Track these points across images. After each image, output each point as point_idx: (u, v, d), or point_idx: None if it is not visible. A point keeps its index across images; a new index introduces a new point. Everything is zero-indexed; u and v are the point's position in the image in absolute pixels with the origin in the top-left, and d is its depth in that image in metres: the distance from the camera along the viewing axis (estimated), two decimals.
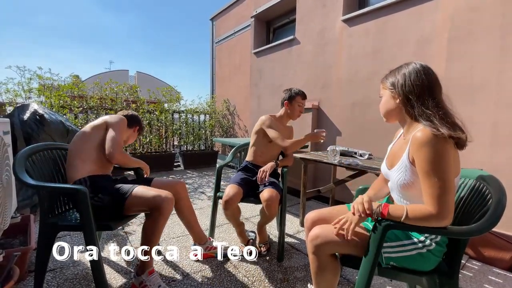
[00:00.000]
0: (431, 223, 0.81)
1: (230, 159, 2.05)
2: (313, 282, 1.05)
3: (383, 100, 1.01)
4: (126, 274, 1.51)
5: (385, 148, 1.16)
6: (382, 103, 1.02)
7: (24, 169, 1.25)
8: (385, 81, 1.00)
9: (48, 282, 1.41)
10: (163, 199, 1.32)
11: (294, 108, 1.90)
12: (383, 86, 1.01)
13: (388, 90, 0.98)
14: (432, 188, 0.80)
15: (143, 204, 1.33)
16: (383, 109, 1.02)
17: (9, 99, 3.19)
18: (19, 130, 2.15)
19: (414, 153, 0.85)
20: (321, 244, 0.98)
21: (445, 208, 0.79)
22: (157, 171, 4.24)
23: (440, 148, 0.80)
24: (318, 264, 1.00)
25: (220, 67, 5.49)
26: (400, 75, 0.95)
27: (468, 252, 1.80)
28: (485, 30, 1.82)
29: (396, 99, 0.95)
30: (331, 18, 2.90)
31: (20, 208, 2.02)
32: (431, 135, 0.80)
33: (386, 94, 1.00)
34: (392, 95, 0.97)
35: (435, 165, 0.79)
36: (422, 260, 0.92)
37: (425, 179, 0.81)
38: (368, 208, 0.90)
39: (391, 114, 1.00)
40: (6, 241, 1.54)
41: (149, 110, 4.35)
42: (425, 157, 0.81)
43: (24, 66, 3.15)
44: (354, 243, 0.95)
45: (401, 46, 2.31)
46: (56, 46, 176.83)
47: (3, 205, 1.22)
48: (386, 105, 1.00)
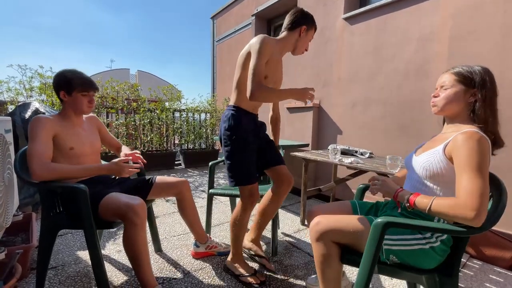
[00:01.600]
0: (459, 213, 0.78)
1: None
2: (317, 272, 1.03)
3: (450, 93, 0.96)
4: (127, 272, 1.51)
5: (386, 146, 1.17)
6: (448, 95, 0.96)
7: (25, 167, 1.26)
8: (461, 74, 0.96)
9: (49, 279, 1.42)
10: (129, 208, 1.16)
11: (306, 39, 1.49)
12: (458, 79, 0.96)
13: (462, 84, 0.95)
14: (473, 185, 0.79)
15: (113, 213, 1.20)
16: (447, 101, 0.97)
17: (10, 97, 3.20)
18: (21, 129, 2.16)
19: (458, 148, 0.85)
20: (324, 230, 0.98)
21: (482, 208, 0.77)
22: (158, 170, 4.25)
23: (486, 153, 0.82)
24: (323, 251, 0.99)
25: (221, 66, 5.48)
26: (479, 74, 0.94)
27: (469, 251, 1.79)
28: (487, 28, 1.81)
29: (469, 96, 0.94)
30: (332, 16, 2.89)
31: (22, 206, 2.03)
32: (484, 138, 0.84)
33: (457, 87, 0.95)
34: (465, 90, 0.94)
35: (481, 165, 0.80)
36: (423, 256, 0.91)
37: (467, 174, 0.81)
38: (396, 197, 0.94)
39: (453, 109, 0.97)
40: (8, 238, 1.55)
41: (150, 108, 4.35)
42: (472, 154, 0.81)
43: (25, 65, 3.15)
44: (356, 233, 0.96)
45: (402, 45, 2.30)
46: (57, 45, 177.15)
47: (5, 203, 1.23)
48: (454, 98, 0.96)
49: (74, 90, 1.29)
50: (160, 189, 1.54)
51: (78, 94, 1.30)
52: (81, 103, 1.32)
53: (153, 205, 1.71)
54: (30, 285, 1.36)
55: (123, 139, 4.06)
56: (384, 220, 0.86)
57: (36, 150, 1.15)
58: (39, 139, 1.18)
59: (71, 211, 1.28)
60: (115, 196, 1.25)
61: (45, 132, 1.21)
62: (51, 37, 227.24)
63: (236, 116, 1.39)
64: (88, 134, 1.43)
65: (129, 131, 4.16)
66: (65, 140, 1.28)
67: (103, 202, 1.22)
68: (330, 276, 1.00)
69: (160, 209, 2.53)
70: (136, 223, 1.16)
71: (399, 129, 2.33)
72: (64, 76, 1.29)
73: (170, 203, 2.72)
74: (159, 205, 2.64)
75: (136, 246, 1.18)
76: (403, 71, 2.30)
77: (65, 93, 1.30)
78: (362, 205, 1.20)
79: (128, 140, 4.13)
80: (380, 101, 2.48)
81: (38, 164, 1.13)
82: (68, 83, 1.28)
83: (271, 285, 1.43)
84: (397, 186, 0.97)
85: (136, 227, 1.16)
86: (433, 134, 1.09)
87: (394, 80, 2.36)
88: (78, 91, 1.30)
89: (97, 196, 1.24)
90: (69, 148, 1.30)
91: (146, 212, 1.22)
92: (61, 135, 1.27)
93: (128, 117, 4.14)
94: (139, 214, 1.17)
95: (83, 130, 1.41)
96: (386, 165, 1.68)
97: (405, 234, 0.93)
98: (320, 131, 3.06)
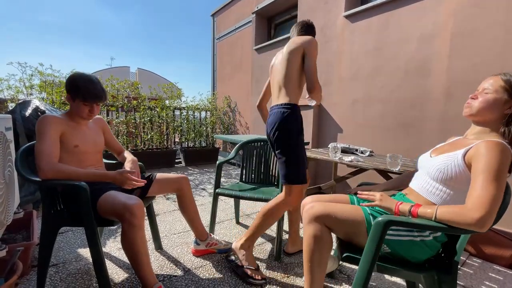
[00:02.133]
0: (464, 220, 0.77)
1: (233, 155, 2.04)
2: (305, 255, 1.02)
3: (490, 98, 0.91)
4: (128, 269, 1.52)
5: (386, 145, 1.16)
6: (488, 100, 0.92)
7: (26, 165, 1.26)
8: (508, 83, 0.91)
9: (50, 277, 1.42)
10: (126, 209, 1.14)
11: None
12: (505, 86, 0.90)
13: (506, 93, 0.90)
14: (487, 191, 0.77)
15: (111, 212, 1.20)
16: (484, 106, 0.92)
17: (10, 95, 3.19)
18: (21, 127, 2.16)
19: (480, 154, 0.83)
20: (318, 214, 0.99)
21: (490, 215, 0.76)
22: (158, 168, 4.26)
23: (506, 163, 0.81)
24: (315, 233, 0.99)
25: (221, 64, 5.47)
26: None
27: (468, 249, 1.80)
28: (489, 25, 1.80)
29: (508, 108, 0.90)
30: (333, 14, 2.87)
31: (22, 204, 2.04)
32: (508, 150, 0.82)
33: (500, 94, 0.90)
34: (506, 100, 0.90)
35: (499, 174, 0.79)
36: (414, 247, 0.93)
37: (483, 180, 0.79)
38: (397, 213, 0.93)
39: (486, 116, 0.93)
40: (9, 236, 1.55)
41: (150, 106, 4.35)
42: (493, 162, 0.80)
43: (25, 63, 3.15)
44: (349, 220, 0.98)
45: (403, 43, 2.29)
46: (57, 43, 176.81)
47: (5, 200, 1.23)
48: (492, 105, 0.91)
49: (77, 98, 1.33)
50: (160, 185, 1.54)
51: (80, 102, 1.34)
52: (82, 111, 1.36)
53: (153, 203, 1.71)
54: (31, 282, 1.37)
55: (123, 137, 4.06)
56: (385, 219, 0.86)
57: (45, 150, 1.18)
58: (48, 138, 1.21)
59: (72, 209, 1.28)
60: (113, 194, 1.24)
61: (53, 131, 1.24)
62: (51, 34, 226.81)
63: (298, 114, 1.46)
64: (92, 134, 1.46)
65: (130, 129, 4.16)
66: (70, 138, 1.31)
67: (101, 200, 1.22)
68: (316, 261, 1.00)
69: (160, 207, 2.54)
70: (134, 224, 1.15)
71: (400, 128, 2.32)
72: (74, 82, 1.32)
73: (170, 201, 2.72)
74: (159, 203, 2.65)
75: (135, 246, 1.17)
76: (404, 69, 2.29)
77: (70, 97, 1.34)
78: (361, 200, 1.20)
79: (129, 138, 4.13)
80: (380, 100, 2.47)
81: (47, 164, 1.16)
82: (75, 90, 1.32)
83: (271, 283, 1.44)
84: (394, 200, 0.96)
85: (134, 228, 1.15)
86: (433, 133, 1.09)
87: (395, 79, 2.36)
88: (80, 100, 1.33)
89: (97, 193, 1.24)
90: (74, 146, 1.32)
91: (143, 212, 1.21)
92: (67, 134, 1.30)
93: (129, 115, 4.14)
94: (136, 214, 1.15)
95: (87, 129, 1.44)
96: (386, 163, 1.67)
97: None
98: (320, 130, 3.06)
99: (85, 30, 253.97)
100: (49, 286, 1.35)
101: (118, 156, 1.64)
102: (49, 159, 1.17)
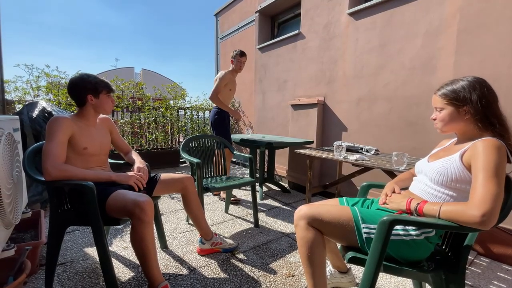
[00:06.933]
0: (467, 218, 0.78)
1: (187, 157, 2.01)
2: (304, 260, 1.02)
3: (445, 115, 0.97)
4: (134, 268, 1.53)
5: (392, 143, 1.16)
6: (443, 117, 0.97)
7: (33, 165, 1.28)
8: (446, 96, 0.96)
9: (58, 275, 1.44)
10: (136, 205, 1.17)
11: (239, 64, 2.76)
12: (445, 101, 0.96)
13: (451, 105, 0.95)
14: (487, 189, 0.78)
15: (120, 210, 1.21)
16: (446, 123, 0.98)
17: (18, 97, 3.24)
18: (28, 128, 2.19)
19: (478, 154, 0.84)
20: (305, 215, 1.01)
21: (493, 212, 0.75)
22: (163, 168, 4.29)
23: (504, 161, 0.83)
24: (302, 234, 1.01)
25: (224, 63, 5.47)
26: (465, 90, 0.92)
27: (476, 248, 1.77)
28: (496, 21, 1.77)
29: (464, 113, 0.93)
30: (336, 11, 2.85)
31: (30, 204, 2.07)
32: (504, 147, 0.84)
33: (448, 109, 0.96)
34: (455, 110, 0.94)
35: (498, 171, 0.80)
36: (403, 246, 0.92)
37: (483, 179, 0.80)
38: (409, 209, 0.95)
39: (454, 128, 0.98)
40: (18, 235, 1.58)
41: (155, 107, 4.38)
42: (490, 160, 0.81)
43: (32, 64, 3.19)
44: (335, 219, 0.99)
45: (408, 40, 2.26)
46: (62, 44, 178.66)
47: (14, 200, 1.25)
48: (449, 120, 0.96)
49: (101, 92, 1.39)
50: (165, 185, 1.56)
51: (104, 96, 1.41)
52: (107, 104, 1.44)
53: (158, 203, 1.72)
54: (39, 281, 1.39)
55: (128, 137, 4.10)
56: (391, 218, 0.85)
57: (52, 151, 1.21)
58: (56, 140, 1.23)
59: (79, 208, 1.30)
60: (122, 193, 1.26)
61: (62, 133, 1.26)
62: (56, 35, 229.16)
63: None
64: (99, 135, 1.47)
65: (134, 130, 4.20)
66: (79, 140, 1.34)
67: (111, 199, 1.24)
68: (309, 261, 1.01)
69: (165, 207, 2.56)
70: (144, 220, 1.17)
71: (405, 126, 2.30)
72: (89, 81, 1.38)
73: (175, 201, 2.74)
74: (164, 203, 2.66)
75: (144, 243, 1.19)
76: (409, 66, 2.26)
77: (92, 96, 1.38)
78: (350, 201, 1.22)
79: (134, 139, 4.17)
80: (385, 97, 2.44)
81: (52, 165, 1.18)
82: (94, 87, 1.38)
83: (276, 281, 1.44)
84: (404, 198, 1.00)
85: (144, 224, 1.17)
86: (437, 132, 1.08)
87: (400, 76, 2.33)
88: (105, 93, 1.41)
89: (104, 193, 1.26)
90: (83, 148, 1.35)
91: (153, 209, 1.23)
92: (76, 135, 1.33)
93: (133, 116, 4.17)
94: (146, 211, 1.18)
95: (95, 130, 1.46)
96: (392, 162, 1.66)
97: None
98: (324, 128, 3.04)
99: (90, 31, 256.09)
100: (57, 284, 1.37)
101: (125, 156, 1.65)
102: (54, 160, 1.19)
